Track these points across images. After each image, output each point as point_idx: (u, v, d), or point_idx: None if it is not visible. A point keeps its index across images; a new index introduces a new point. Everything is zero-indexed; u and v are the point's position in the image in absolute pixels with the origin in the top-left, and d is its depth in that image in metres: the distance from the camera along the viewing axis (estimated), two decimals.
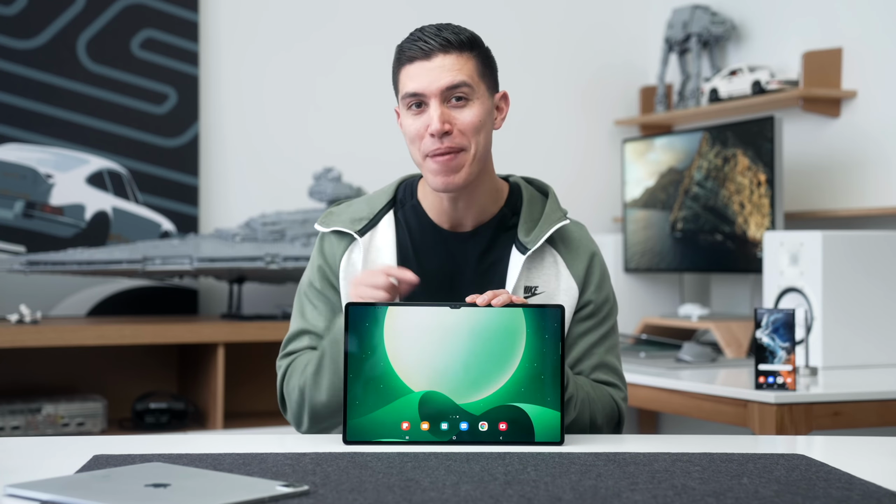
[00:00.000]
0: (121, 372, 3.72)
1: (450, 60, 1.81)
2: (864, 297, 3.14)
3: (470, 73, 1.82)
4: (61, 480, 1.35)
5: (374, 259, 1.90)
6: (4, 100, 3.66)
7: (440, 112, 1.80)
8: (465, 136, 1.82)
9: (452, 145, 1.81)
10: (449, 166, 1.82)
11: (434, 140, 1.81)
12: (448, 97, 1.81)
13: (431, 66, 1.81)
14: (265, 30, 4.02)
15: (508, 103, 1.93)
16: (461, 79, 1.81)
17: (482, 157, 1.85)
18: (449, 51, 1.82)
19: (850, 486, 1.38)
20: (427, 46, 1.81)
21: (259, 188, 3.98)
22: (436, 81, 1.80)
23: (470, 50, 1.84)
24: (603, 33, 4.49)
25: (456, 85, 1.81)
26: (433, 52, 1.81)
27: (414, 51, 1.82)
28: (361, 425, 1.66)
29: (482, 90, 1.84)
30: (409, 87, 1.82)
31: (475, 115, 1.82)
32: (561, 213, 1.92)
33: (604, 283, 1.93)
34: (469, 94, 1.82)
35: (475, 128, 1.82)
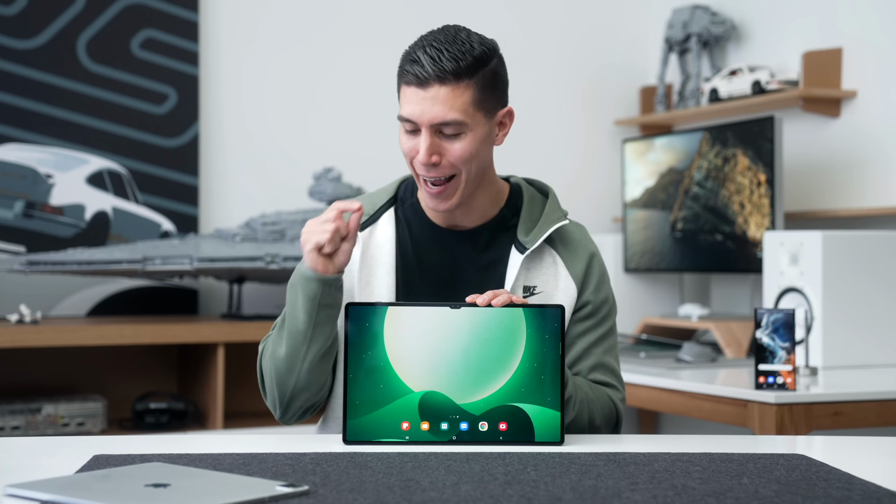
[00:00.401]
0: (121, 372, 3.72)
1: (444, 92, 1.76)
2: (864, 297, 3.14)
3: (464, 106, 1.77)
4: (61, 480, 1.35)
5: (374, 254, 1.90)
6: (4, 100, 3.66)
7: (429, 144, 1.78)
8: (454, 167, 1.81)
9: (440, 175, 1.81)
10: (440, 195, 1.83)
11: (425, 167, 1.80)
12: (438, 129, 1.79)
13: (426, 95, 1.77)
14: (265, 30, 4.02)
15: (513, 118, 1.89)
16: (452, 117, 1.77)
17: (476, 179, 1.84)
18: (445, 81, 1.76)
19: (850, 486, 1.38)
20: (423, 74, 1.76)
21: (259, 188, 3.98)
22: (427, 113, 1.77)
23: (471, 77, 1.77)
24: (603, 33, 4.49)
25: (446, 122, 1.78)
26: (429, 81, 1.76)
27: (411, 76, 1.78)
28: (361, 425, 1.66)
29: (478, 119, 1.80)
30: (404, 110, 1.80)
31: (465, 149, 1.80)
32: (560, 214, 1.92)
33: (603, 284, 1.93)
34: (460, 129, 1.79)
35: (465, 159, 1.80)
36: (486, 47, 1.81)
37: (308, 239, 1.74)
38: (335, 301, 1.78)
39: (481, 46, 1.80)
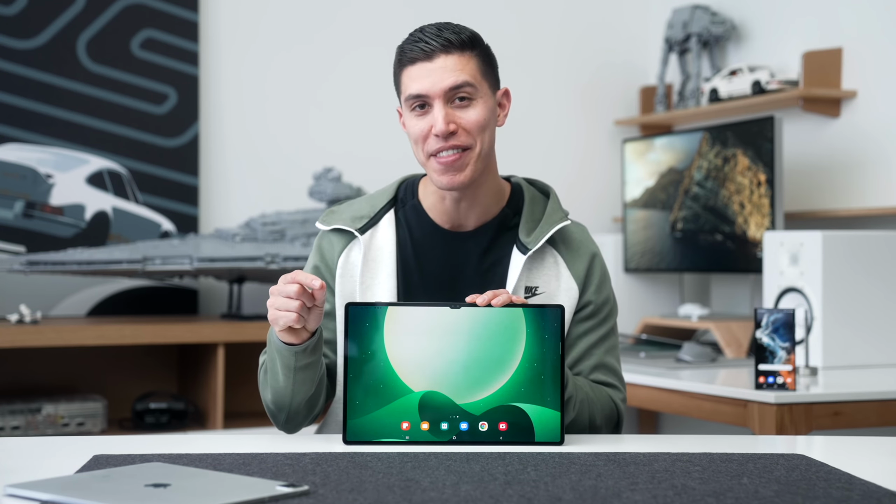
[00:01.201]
0: (121, 372, 3.72)
1: (452, 61, 1.81)
2: (864, 297, 3.14)
3: (472, 72, 1.82)
4: (61, 480, 1.35)
5: (375, 257, 1.90)
6: (4, 100, 3.66)
7: (444, 113, 1.80)
8: (470, 135, 1.82)
9: (458, 143, 1.81)
10: (454, 165, 1.82)
11: (438, 140, 1.81)
12: (451, 98, 1.81)
13: (434, 66, 1.80)
14: (265, 30, 4.02)
15: (510, 100, 1.92)
16: (464, 79, 1.81)
17: (486, 155, 1.86)
18: (451, 51, 1.81)
19: (850, 486, 1.38)
20: (428, 47, 1.81)
21: (259, 188, 3.98)
22: (439, 83, 1.80)
23: (471, 49, 1.83)
24: (603, 33, 4.49)
25: (459, 85, 1.81)
26: (435, 53, 1.81)
27: (415, 52, 1.82)
28: (361, 425, 1.66)
29: (485, 89, 1.84)
30: (412, 88, 1.82)
31: (479, 114, 1.82)
32: (562, 214, 1.92)
33: (604, 284, 1.93)
34: (472, 94, 1.82)
35: (480, 126, 1.83)
36: (476, 33, 1.88)
37: (276, 319, 1.71)
38: (312, 360, 1.78)
39: (472, 30, 1.87)
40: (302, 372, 1.78)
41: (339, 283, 1.91)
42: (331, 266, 1.92)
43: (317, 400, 1.85)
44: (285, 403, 1.82)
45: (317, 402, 1.85)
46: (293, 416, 1.84)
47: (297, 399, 1.81)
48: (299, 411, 1.83)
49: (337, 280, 1.91)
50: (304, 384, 1.79)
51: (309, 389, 1.80)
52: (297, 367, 1.77)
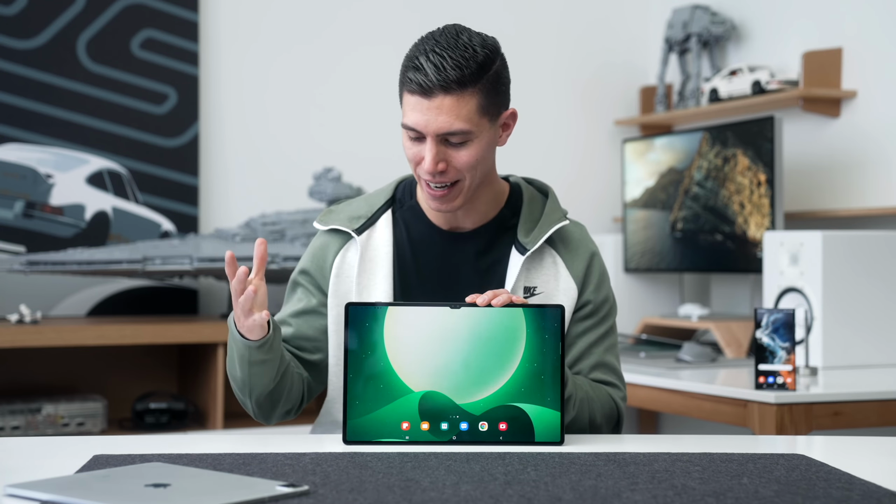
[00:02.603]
0: (121, 372, 3.72)
1: (449, 102, 1.74)
2: (864, 297, 3.14)
3: (469, 114, 1.76)
4: (61, 480, 1.35)
5: (371, 257, 1.90)
6: (4, 100, 3.66)
7: (434, 153, 1.77)
8: (459, 172, 1.80)
9: (445, 180, 1.80)
10: (444, 198, 1.82)
11: (429, 175, 1.79)
12: (443, 138, 1.78)
13: (430, 105, 1.75)
14: (265, 30, 4.02)
15: (516, 119, 1.88)
16: (458, 127, 1.75)
17: (478, 183, 1.84)
18: (450, 90, 1.74)
19: (850, 486, 1.38)
20: (427, 83, 1.74)
21: (259, 188, 3.98)
22: (432, 123, 1.75)
23: (475, 83, 1.75)
24: (603, 33, 4.49)
25: (452, 132, 1.76)
26: (433, 91, 1.74)
27: (414, 85, 1.75)
28: (361, 425, 1.66)
29: (483, 125, 1.79)
30: (408, 118, 1.78)
31: (471, 155, 1.79)
32: (561, 214, 1.92)
33: (603, 284, 1.93)
34: (466, 137, 1.78)
35: (471, 165, 1.80)
36: (489, 50, 1.78)
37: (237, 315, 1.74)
38: (267, 357, 1.78)
39: (483, 50, 1.77)
40: (258, 366, 1.78)
41: (333, 283, 1.90)
42: (323, 268, 1.92)
43: (280, 395, 1.84)
44: (245, 396, 1.84)
45: (280, 397, 1.85)
46: (258, 406, 1.85)
47: (257, 391, 1.82)
48: (262, 403, 1.84)
49: (331, 280, 1.91)
50: (260, 378, 1.79)
51: (267, 384, 1.81)
52: (252, 361, 1.77)
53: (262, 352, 1.76)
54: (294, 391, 1.87)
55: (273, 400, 1.85)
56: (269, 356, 1.77)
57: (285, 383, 1.84)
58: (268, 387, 1.81)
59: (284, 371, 1.83)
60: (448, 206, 1.84)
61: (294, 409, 1.90)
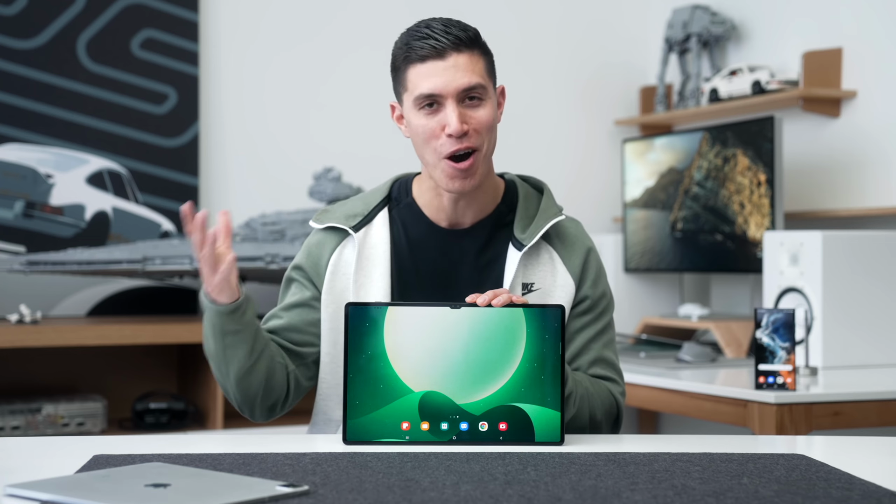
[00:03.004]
0: (121, 372, 3.72)
1: (463, 59, 1.80)
2: (864, 297, 3.14)
3: (482, 72, 1.83)
4: (61, 480, 1.35)
5: (368, 255, 1.90)
6: (4, 100, 3.66)
7: (458, 113, 1.80)
8: (480, 136, 1.82)
9: (470, 144, 1.81)
10: (468, 170, 1.82)
11: (452, 141, 1.80)
12: (463, 97, 1.81)
13: (446, 65, 1.79)
14: (265, 30, 4.02)
15: (505, 97, 1.93)
16: (477, 80, 1.81)
17: (490, 155, 1.87)
18: (461, 49, 1.80)
19: (850, 486, 1.38)
20: (440, 44, 1.79)
21: (259, 188, 3.98)
22: (453, 82, 1.79)
23: (478, 46, 1.84)
24: (603, 33, 4.49)
25: (473, 86, 1.80)
26: (446, 51, 1.79)
27: (425, 49, 1.80)
28: (361, 425, 1.66)
29: (491, 88, 1.86)
30: (424, 87, 1.80)
31: (488, 114, 1.83)
32: (556, 210, 1.93)
33: (600, 279, 1.94)
34: (483, 94, 1.82)
35: (489, 126, 1.83)
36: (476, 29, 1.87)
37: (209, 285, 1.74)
38: (240, 327, 1.77)
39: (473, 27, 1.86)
40: (231, 336, 1.77)
41: (329, 280, 1.90)
42: (318, 265, 1.92)
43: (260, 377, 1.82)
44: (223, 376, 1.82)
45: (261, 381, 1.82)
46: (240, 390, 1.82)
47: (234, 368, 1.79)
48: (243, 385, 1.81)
49: (326, 278, 1.91)
50: (234, 351, 1.78)
51: (242, 359, 1.79)
52: (225, 330, 1.76)
53: (233, 319, 1.75)
54: (277, 380, 1.85)
55: (254, 383, 1.81)
56: (241, 326, 1.77)
57: (263, 364, 1.81)
58: (244, 363, 1.79)
59: (262, 351, 1.81)
60: (469, 182, 1.83)
61: (279, 402, 1.87)
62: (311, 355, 1.92)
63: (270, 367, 1.83)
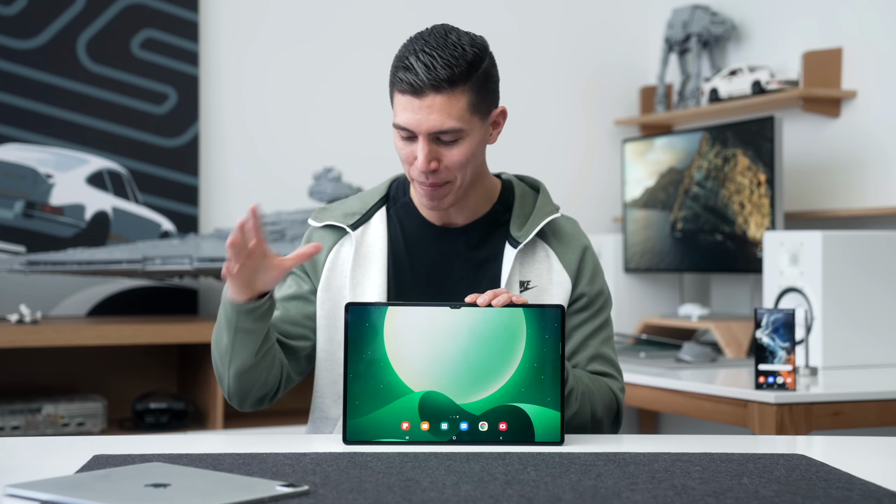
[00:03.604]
0: (121, 372, 3.72)
1: (440, 101, 1.75)
2: (864, 297, 3.14)
3: (460, 113, 1.77)
4: (61, 480, 1.35)
5: (366, 253, 1.91)
6: (4, 100, 3.66)
7: (427, 151, 1.78)
8: (451, 172, 1.81)
9: (437, 181, 1.81)
10: (435, 195, 1.83)
11: (421, 174, 1.81)
12: (435, 137, 1.79)
13: (421, 104, 1.76)
14: (265, 30, 4.02)
15: (506, 117, 1.89)
16: (449, 125, 1.77)
17: (470, 181, 1.86)
18: (441, 89, 1.75)
19: (850, 486, 1.38)
20: (418, 82, 1.75)
21: (259, 188, 3.98)
22: (424, 123, 1.77)
23: (465, 82, 1.77)
24: (603, 33, 4.49)
25: (444, 131, 1.77)
26: (424, 90, 1.75)
27: (404, 84, 1.77)
28: (361, 425, 1.66)
29: (474, 123, 1.80)
30: (399, 118, 1.80)
31: (463, 153, 1.80)
32: (552, 207, 1.93)
33: (596, 276, 1.94)
34: (458, 135, 1.79)
35: (462, 164, 1.81)
36: (478, 48, 1.79)
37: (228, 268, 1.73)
38: (253, 327, 1.77)
39: (473, 49, 1.78)
40: (242, 335, 1.77)
41: (326, 276, 1.91)
42: (315, 262, 1.93)
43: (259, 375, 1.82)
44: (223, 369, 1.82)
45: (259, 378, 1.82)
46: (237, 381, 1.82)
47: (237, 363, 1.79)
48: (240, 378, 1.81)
49: (323, 275, 1.92)
50: (240, 352, 1.78)
51: (248, 357, 1.79)
52: (238, 327, 1.76)
53: (249, 318, 1.75)
54: (272, 376, 1.85)
55: (251, 379, 1.82)
56: (255, 326, 1.77)
57: (266, 363, 1.82)
58: (248, 361, 1.79)
59: (268, 351, 1.82)
60: (439, 204, 1.85)
61: (269, 396, 1.88)
62: (304, 349, 1.92)
63: (271, 365, 1.84)
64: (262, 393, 1.86)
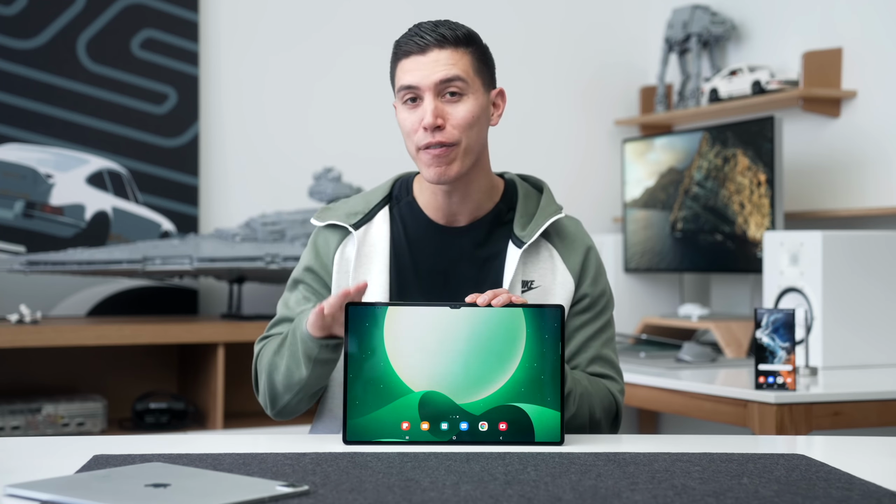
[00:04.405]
0: (121, 372, 3.72)
1: (445, 55, 1.83)
2: (864, 297, 3.14)
3: (465, 68, 1.84)
4: (61, 480, 1.35)
5: (368, 253, 1.91)
6: (4, 100, 3.66)
7: (433, 106, 1.81)
8: (458, 131, 1.83)
9: (444, 139, 1.82)
10: (441, 159, 1.83)
11: (426, 134, 1.82)
12: (442, 91, 1.82)
13: (426, 60, 1.83)
14: (265, 30, 4.02)
15: (505, 100, 1.93)
16: (455, 73, 1.82)
17: (475, 150, 1.86)
18: (444, 46, 1.83)
19: (850, 486, 1.38)
20: (423, 41, 1.83)
21: (259, 188, 3.98)
22: (430, 76, 1.82)
23: (466, 46, 1.85)
24: (603, 33, 4.49)
25: (449, 79, 1.82)
26: (429, 47, 1.83)
27: (410, 45, 1.84)
28: (361, 425, 1.66)
29: (477, 85, 1.85)
30: (404, 80, 1.84)
31: (468, 111, 1.83)
32: (556, 208, 1.94)
33: (599, 277, 1.94)
34: (463, 89, 1.83)
35: (468, 123, 1.83)
36: (473, 31, 1.89)
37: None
38: (332, 357, 1.80)
39: (468, 28, 1.89)
40: (321, 366, 1.80)
41: (335, 279, 1.92)
42: (326, 263, 1.93)
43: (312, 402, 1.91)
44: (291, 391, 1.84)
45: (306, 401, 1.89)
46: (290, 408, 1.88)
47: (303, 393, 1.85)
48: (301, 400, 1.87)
49: (333, 276, 1.92)
50: (317, 379, 1.82)
51: (315, 386, 1.84)
52: (318, 359, 1.78)
53: (330, 351, 1.78)
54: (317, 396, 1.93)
55: (308, 400, 1.88)
56: (334, 356, 1.80)
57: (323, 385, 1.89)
58: (316, 388, 1.85)
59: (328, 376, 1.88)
60: (446, 172, 1.84)
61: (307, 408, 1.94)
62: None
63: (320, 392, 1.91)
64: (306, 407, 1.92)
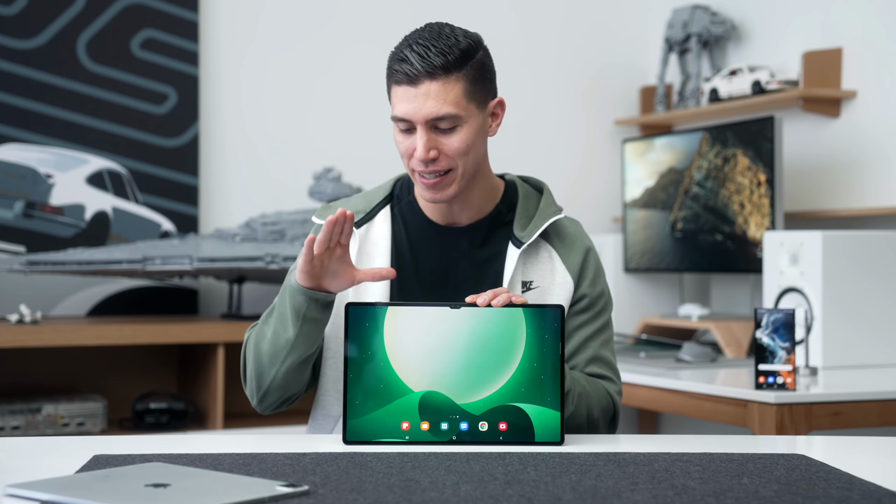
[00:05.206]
0: (121, 372, 3.72)
1: (436, 87, 1.77)
2: (864, 297, 3.14)
3: (456, 99, 1.79)
4: (61, 480, 1.35)
5: (369, 251, 1.91)
6: (4, 100, 3.66)
7: (425, 140, 1.79)
8: (452, 160, 1.82)
9: (438, 168, 1.82)
10: (436, 186, 1.83)
11: (420, 164, 1.81)
12: (434, 124, 1.80)
13: (417, 92, 1.78)
14: (265, 30, 4.02)
15: (504, 109, 1.91)
16: (446, 111, 1.78)
17: (472, 172, 1.86)
18: (435, 76, 1.77)
19: (850, 486, 1.38)
20: (413, 71, 1.78)
21: (259, 188, 3.98)
22: (420, 110, 1.78)
23: (459, 69, 1.79)
24: (603, 33, 4.49)
25: (440, 117, 1.78)
26: (419, 79, 1.78)
27: (400, 75, 1.79)
28: (361, 425, 1.66)
29: (471, 110, 1.81)
30: (396, 110, 1.81)
31: (462, 140, 1.81)
32: (556, 208, 1.94)
33: (598, 278, 1.94)
34: (456, 122, 1.80)
35: (461, 152, 1.81)
36: (471, 40, 1.83)
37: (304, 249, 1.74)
38: (321, 317, 1.78)
39: (466, 39, 1.82)
40: (309, 324, 1.77)
41: None
42: None
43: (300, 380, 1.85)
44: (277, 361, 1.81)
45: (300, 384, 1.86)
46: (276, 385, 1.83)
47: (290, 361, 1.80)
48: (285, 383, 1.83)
49: None
50: (305, 342, 1.79)
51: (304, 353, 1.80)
52: (307, 316, 1.76)
53: (319, 309, 1.76)
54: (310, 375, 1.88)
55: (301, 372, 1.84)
56: (323, 317, 1.78)
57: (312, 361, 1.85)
58: (305, 354, 1.81)
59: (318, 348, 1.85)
60: (442, 195, 1.84)
61: (294, 397, 1.90)
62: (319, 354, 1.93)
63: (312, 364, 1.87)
64: (296, 391, 1.88)
